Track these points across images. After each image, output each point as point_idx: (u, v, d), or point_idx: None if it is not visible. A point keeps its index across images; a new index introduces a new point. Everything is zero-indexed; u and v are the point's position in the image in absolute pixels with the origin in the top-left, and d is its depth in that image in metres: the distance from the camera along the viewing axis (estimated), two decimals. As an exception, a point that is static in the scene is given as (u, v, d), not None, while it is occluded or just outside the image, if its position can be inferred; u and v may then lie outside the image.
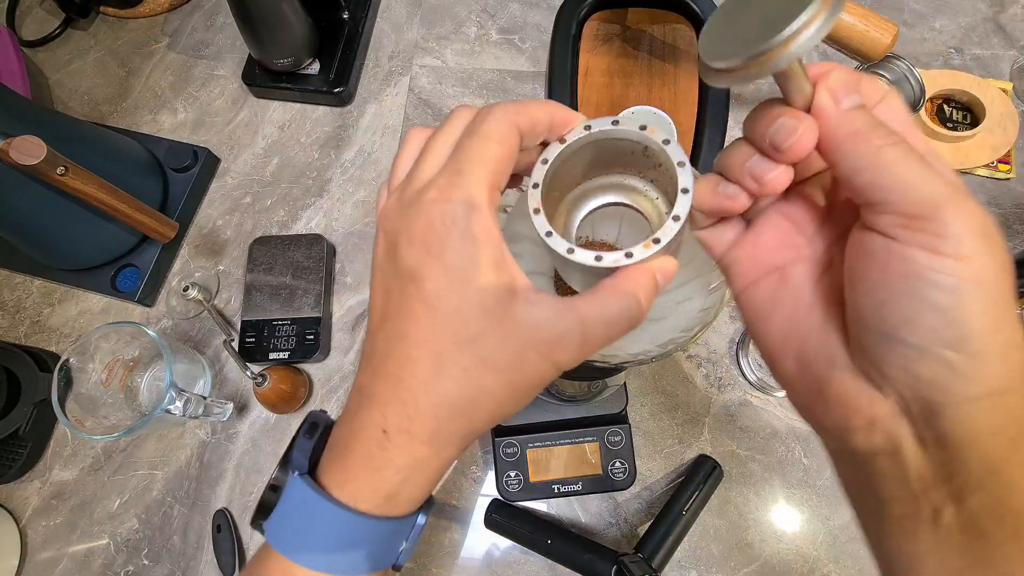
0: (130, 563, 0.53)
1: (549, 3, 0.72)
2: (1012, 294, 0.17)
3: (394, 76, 0.70)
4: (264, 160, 0.67)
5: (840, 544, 0.53)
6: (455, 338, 0.20)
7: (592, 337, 0.21)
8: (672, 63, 0.64)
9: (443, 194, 0.20)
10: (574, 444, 0.52)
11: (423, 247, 0.20)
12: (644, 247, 0.21)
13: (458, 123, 0.22)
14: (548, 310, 0.21)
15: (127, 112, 0.69)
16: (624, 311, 0.21)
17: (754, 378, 0.56)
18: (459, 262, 0.20)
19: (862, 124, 0.18)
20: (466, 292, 0.20)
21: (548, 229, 0.22)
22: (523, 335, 0.20)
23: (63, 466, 0.56)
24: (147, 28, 0.73)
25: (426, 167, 0.22)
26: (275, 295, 0.58)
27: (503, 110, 0.21)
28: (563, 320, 0.21)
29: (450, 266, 0.20)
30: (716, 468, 0.52)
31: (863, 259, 0.18)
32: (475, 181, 0.20)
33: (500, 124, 0.21)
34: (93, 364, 0.51)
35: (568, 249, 0.21)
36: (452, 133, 0.22)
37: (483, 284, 0.20)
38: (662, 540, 0.48)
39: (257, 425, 0.57)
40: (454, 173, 0.21)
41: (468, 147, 0.21)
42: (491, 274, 0.20)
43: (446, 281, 0.20)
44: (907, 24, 0.70)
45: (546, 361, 0.21)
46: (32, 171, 0.45)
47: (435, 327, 0.20)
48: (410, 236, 0.21)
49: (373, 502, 0.22)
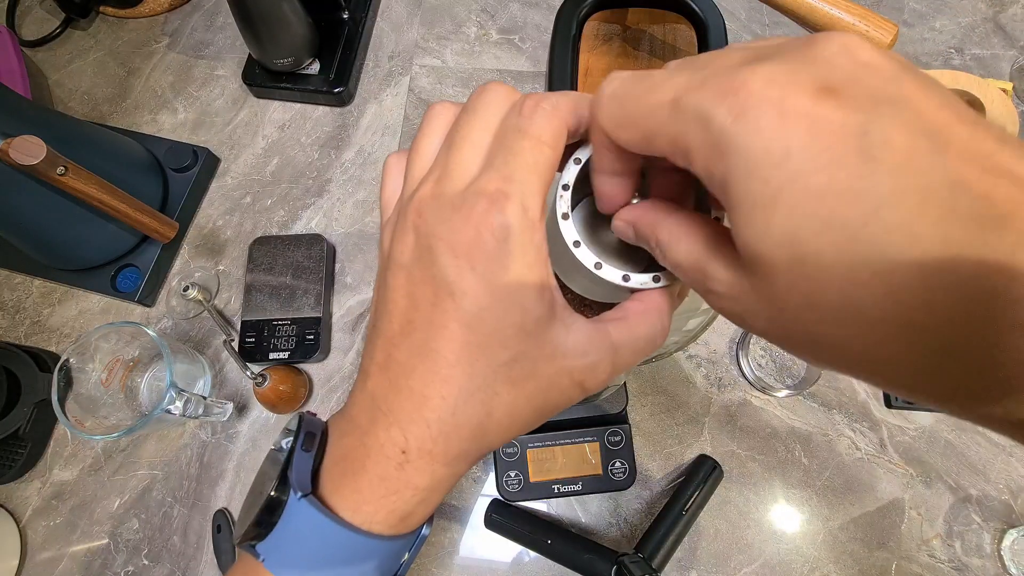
0: (130, 563, 0.53)
1: (549, 3, 0.72)
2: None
3: (394, 76, 0.70)
4: (264, 160, 0.67)
5: (840, 544, 0.53)
6: (490, 361, 0.19)
7: (621, 364, 0.21)
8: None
9: (495, 204, 0.18)
10: (574, 444, 0.52)
11: (467, 260, 0.18)
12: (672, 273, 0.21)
13: (495, 108, 0.20)
14: (584, 336, 0.20)
15: (127, 112, 0.69)
16: (651, 339, 0.21)
17: (754, 378, 0.56)
18: (506, 283, 0.19)
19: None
20: (509, 314, 0.19)
21: (576, 239, 0.21)
22: (558, 360, 0.20)
23: (63, 466, 0.56)
24: (147, 28, 0.73)
25: (465, 160, 0.20)
26: (275, 295, 0.58)
27: (554, 109, 0.19)
28: (597, 347, 0.20)
29: (496, 286, 0.19)
30: (716, 468, 0.52)
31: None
32: (530, 192, 0.19)
33: (552, 123, 0.19)
34: (93, 364, 0.51)
35: (596, 264, 0.21)
36: (489, 121, 0.20)
37: (527, 306, 0.19)
38: (662, 540, 0.48)
39: (257, 425, 0.57)
40: (506, 179, 0.19)
41: (520, 150, 0.19)
42: (536, 297, 0.19)
43: (489, 301, 0.19)
44: (907, 24, 0.70)
45: (576, 386, 0.20)
46: (32, 171, 0.45)
47: (470, 348, 0.19)
48: (452, 245, 0.19)
49: (387, 523, 0.21)
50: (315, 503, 0.21)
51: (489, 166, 0.19)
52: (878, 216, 0.13)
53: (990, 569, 0.51)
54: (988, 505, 0.53)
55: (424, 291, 0.19)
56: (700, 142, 0.15)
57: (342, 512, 0.21)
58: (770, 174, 0.14)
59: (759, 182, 0.14)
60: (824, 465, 0.55)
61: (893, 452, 0.55)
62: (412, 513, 0.21)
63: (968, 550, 0.52)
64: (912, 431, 0.55)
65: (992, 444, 0.55)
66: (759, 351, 0.58)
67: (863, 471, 0.54)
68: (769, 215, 0.14)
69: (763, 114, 0.14)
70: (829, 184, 0.13)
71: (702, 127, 0.15)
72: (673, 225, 0.19)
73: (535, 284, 0.19)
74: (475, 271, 0.18)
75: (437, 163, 0.20)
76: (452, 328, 0.19)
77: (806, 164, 0.13)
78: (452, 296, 0.19)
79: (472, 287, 0.19)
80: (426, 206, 0.20)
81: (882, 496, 0.54)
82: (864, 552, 0.52)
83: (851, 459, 0.55)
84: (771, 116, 0.14)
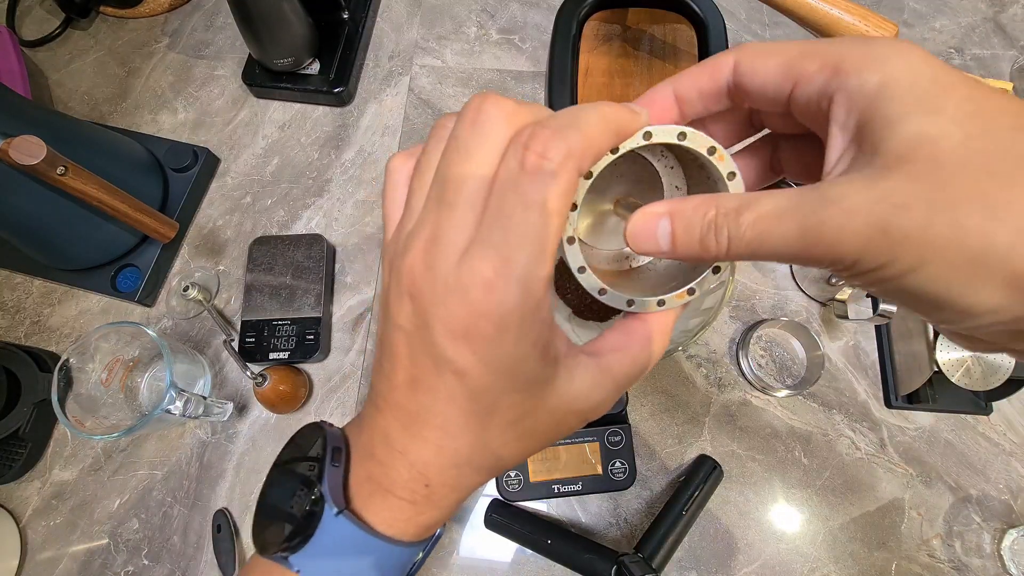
0: (130, 563, 0.53)
1: (549, 3, 0.72)
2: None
3: (394, 76, 0.70)
4: (264, 160, 0.67)
5: (840, 544, 0.53)
6: (497, 422, 0.20)
7: (623, 389, 0.22)
8: (672, 63, 0.64)
9: (491, 292, 0.17)
10: (574, 444, 0.52)
11: (466, 344, 0.18)
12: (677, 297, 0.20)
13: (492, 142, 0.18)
14: (588, 380, 0.20)
15: (127, 112, 0.69)
16: (648, 362, 0.22)
17: (754, 378, 0.56)
18: (507, 363, 0.18)
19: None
20: (513, 384, 0.19)
21: (582, 264, 0.20)
22: (565, 407, 0.20)
23: (63, 466, 0.56)
24: (147, 28, 0.73)
25: (457, 223, 0.18)
26: (275, 295, 0.58)
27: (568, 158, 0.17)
28: (602, 388, 0.21)
29: (497, 368, 0.18)
30: (716, 468, 0.52)
31: None
32: (532, 271, 0.17)
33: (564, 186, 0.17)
34: (93, 364, 0.51)
35: (600, 291, 0.21)
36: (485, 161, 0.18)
37: (530, 375, 0.19)
38: (662, 540, 0.48)
39: (257, 425, 0.57)
40: (504, 262, 0.17)
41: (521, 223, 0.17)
42: (540, 363, 0.19)
43: (492, 379, 0.18)
44: (907, 24, 0.70)
45: (581, 421, 0.21)
46: (32, 171, 0.45)
47: (477, 416, 0.19)
48: (448, 324, 0.18)
49: (413, 534, 0.23)
50: (351, 518, 0.22)
51: (485, 240, 0.17)
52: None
53: (990, 569, 0.51)
54: (988, 505, 0.53)
55: (425, 360, 0.19)
56: (858, 54, 0.16)
57: (376, 526, 0.22)
58: (931, 77, 0.16)
59: (921, 81, 0.16)
60: (824, 465, 0.55)
61: (893, 452, 0.55)
62: (435, 524, 0.23)
63: (968, 550, 0.52)
64: (912, 431, 0.55)
65: (992, 444, 0.55)
66: (759, 351, 0.58)
67: (863, 471, 0.54)
68: (933, 106, 0.15)
69: (916, 48, 0.16)
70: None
71: (862, 45, 0.17)
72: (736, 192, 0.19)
73: (539, 355, 0.19)
74: (475, 355, 0.18)
75: (427, 217, 0.19)
76: (457, 399, 0.19)
77: (956, 76, 0.16)
78: (454, 374, 0.19)
79: (473, 368, 0.18)
80: (419, 277, 0.18)
81: (882, 496, 0.54)
82: (864, 552, 0.52)
83: (851, 459, 0.55)
84: (923, 53, 0.16)
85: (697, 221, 0.18)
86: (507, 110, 0.18)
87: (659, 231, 0.18)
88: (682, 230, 0.18)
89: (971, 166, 0.14)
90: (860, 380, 0.57)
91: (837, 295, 0.55)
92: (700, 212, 0.18)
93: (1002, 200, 0.14)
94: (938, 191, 0.14)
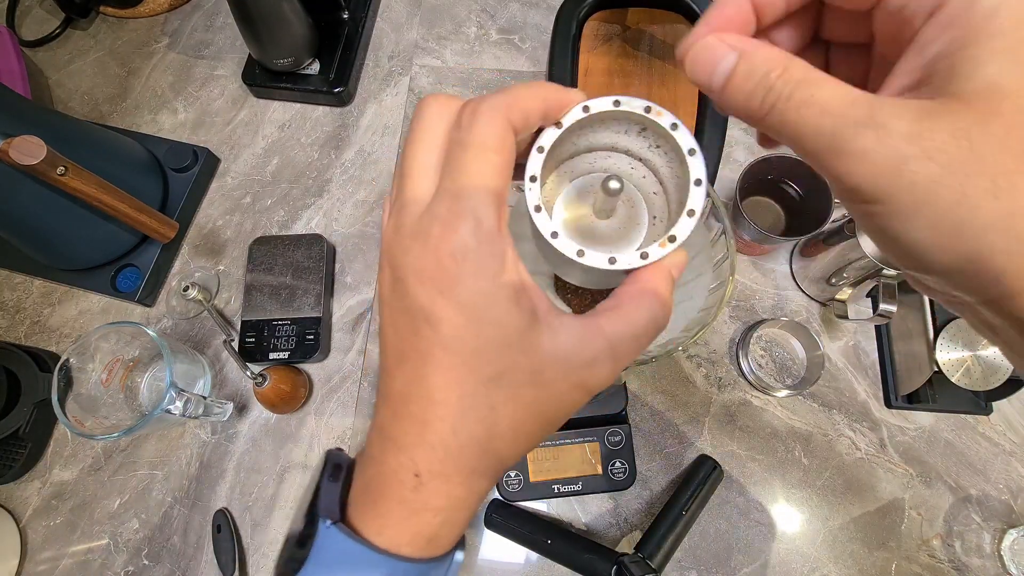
0: (130, 563, 0.53)
1: (549, 3, 0.72)
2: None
3: (394, 76, 0.70)
4: (264, 160, 0.67)
5: (840, 544, 0.53)
6: (479, 378, 0.19)
7: (622, 355, 0.20)
8: (672, 63, 0.64)
9: (448, 227, 0.18)
10: (574, 444, 0.52)
11: (434, 286, 0.19)
12: (660, 246, 0.20)
13: (436, 124, 0.20)
14: (574, 336, 0.19)
15: (127, 112, 0.69)
16: (651, 320, 0.20)
17: (754, 378, 0.56)
18: (476, 300, 0.18)
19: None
20: (486, 330, 0.19)
21: (554, 229, 0.21)
22: (550, 366, 0.19)
23: (63, 466, 0.56)
24: (147, 28, 0.73)
25: (416, 187, 0.20)
26: (275, 295, 0.58)
27: (492, 109, 0.19)
28: (591, 345, 0.20)
29: (466, 305, 0.19)
30: (716, 468, 0.52)
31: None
32: (480, 203, 0.19)
33: (493, 127, 0.19)
34: (93, 364, 0.51)
35: (578, 252, 0.20)
36: (433, 139, 0.20)
37: (503, 319, 0.19)
38: (662, 540, 0.48)
39: (257, 425, 0.57)
40: (455, 198, 0.19)
41: (462, 163, 0.19)
42: (511, 307, 0.19)
43: (463, 321, 0.19)
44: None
45: (577, 389, 0.20)
46: (32, 171, 0.45)
47: (457, 370, 0.19)
48: (419, 274, 0.19)
49: (414, 546, 0.21)
50: (343, 528, 0.21)
51: (440, 188, 0.19)
52: None
53: (990, 569, 0.51)
54: (988, 505, 0.53)
55: (404, 321, 0.20)
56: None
57: (369, 536, 0.21)
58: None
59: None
60: (824, 465, 0.55)
61: (893, 452, 0.55)
62: (437, 535, 0.21)
63: (968, 550, 0.52)
64: (912, 431, 0.55)
65: (992, 444, 0.55)
66: (759, 351, 0.58)
67: (863, 471, 0.54)
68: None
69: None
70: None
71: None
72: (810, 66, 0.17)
73: (507, 295, 0.19)
74: (444, 295, 0.19)
75: (395, 192, 0.21)
76: (435, 354, 0.19)
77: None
78: (428, 323, 0.19)
79: (444, 311, 0.19)
80: (391, 240, 0.20)
81: (882, 496, 0.54)
82: (864, 552, 0.52)
83: (851, 459, 0.55)
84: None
85: (760, 73, 0.17)
86: (446, 99, 0.21)
87: (722, 64, 0.18)
88: (743, 74, 0.18)
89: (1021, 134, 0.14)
90: (860, 380, 0.57)
91: (837, 295, 0.55)
92: (767, 66, 0.17)
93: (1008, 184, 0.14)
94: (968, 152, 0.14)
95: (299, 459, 0.56)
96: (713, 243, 0.31)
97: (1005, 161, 0.14)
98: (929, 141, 0.15)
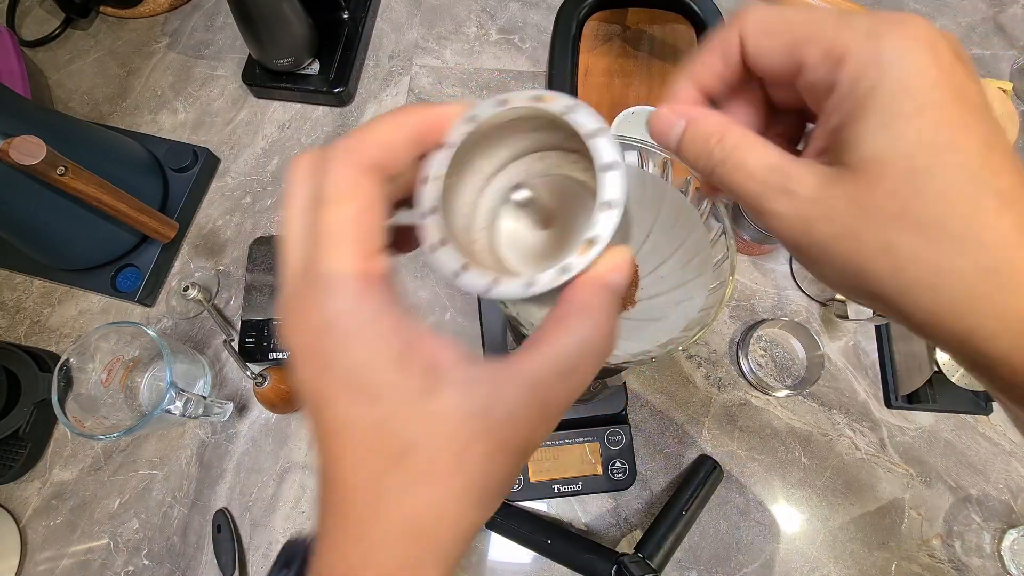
0: (130, 563, 0.53)
1: (549, 3, 0.72)
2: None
3: (394, 76, 0.70)
4: (264, 160, 0.67)
5: (840, 544, 0.53)
6: (385, 457, 0.16)
7: (554, 399, 0.17)
8: (672, 63, 0.64)
9: (309, 300, 0.17)
10: (574, 444, 0.52)
11: (316, 365, 0.17)
12: (579, 254, 0.17)
13: (301, 185, 0.18)
14: (483, 389, 0.17)
15: (127, 112, 0.69)
16: (582, 347, 0.17)
17: (754, 378, 0.56)
18: (353, 372, 0.16)
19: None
20: (376, 405, 0.16)
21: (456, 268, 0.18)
22: (464, 429, 0.16)
23: (63, 466, 0.56)
24: (147, 28, 0.73)
25: (291, 257, 0.18)
26: (275, 295, 0.58)
27: (337, 156, 0.17)
28: (507, 395, 0.16)
29: (347, 383, 0.16)
30: (716, 468, 0.52)
31: None
32: (337, 267, 0.16)
33: (340, 175, 0.17)
34: (93, 364, 0.51)
35: (488, 284, 0.17)
36: (300, 201, 0.18)
37: (389, 387, 0.16)
38: (662, 540, 0.48)
39: (257, 425, 0.57)
40: (312, 266, 0.17)
41: (319, 223, 0.17)
42: (395, 372, 0.16)
43: (349, 400, 0.16)
44: (907, 24, 0.70)
45: (503, 452, 0.17)
46: (32, 171, 0.45)
47: (359, 452, 0.17)
48: (301, 355, 0.17)
49: None
50: None
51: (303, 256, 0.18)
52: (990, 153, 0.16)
53: (990, 569, 0.51)
54: (988, 505, 0.53)
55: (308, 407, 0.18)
56: (862, 50, 0.17)
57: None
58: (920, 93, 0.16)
59: (908, 97, 0.16)
60: (824, 465, 0.55)
61: (893, 452, 0.55)
62: None
63: (968, 550, 0.52)
64: (912, 431, 0.55)
65: (992, 444, 0.55)
66: (759, 351, 0.58)
67: (863, 471, 0.54)
68: (906, 125, 0.16)
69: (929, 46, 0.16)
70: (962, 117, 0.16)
71: (869, 38, 0.17)
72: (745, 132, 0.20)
73: (388, 360, 0.16)
74: (326, 372, 0.17)
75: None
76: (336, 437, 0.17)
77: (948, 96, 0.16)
78: (319, 408, 0.17)
79: (329, 392, 0.17)
80: (280, 318, 0.18)
81: (882, 496, 0.54)
82: (864, 552, 0.52)
83: (851, 459, 0.55)
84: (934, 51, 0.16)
85: (702, 139, 0.20)
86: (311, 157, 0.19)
87: (673, 129, 0.21)
88: (689, 139, 0.20)
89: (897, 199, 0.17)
90: (860, 380, 0.57)
91: (837, 295, 0.55)
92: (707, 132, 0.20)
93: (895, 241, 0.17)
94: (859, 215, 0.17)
95: (299, 459, 0.56)
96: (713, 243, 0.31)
97: (890, 223, 0.17)
98: (830, 207, 0.18)
